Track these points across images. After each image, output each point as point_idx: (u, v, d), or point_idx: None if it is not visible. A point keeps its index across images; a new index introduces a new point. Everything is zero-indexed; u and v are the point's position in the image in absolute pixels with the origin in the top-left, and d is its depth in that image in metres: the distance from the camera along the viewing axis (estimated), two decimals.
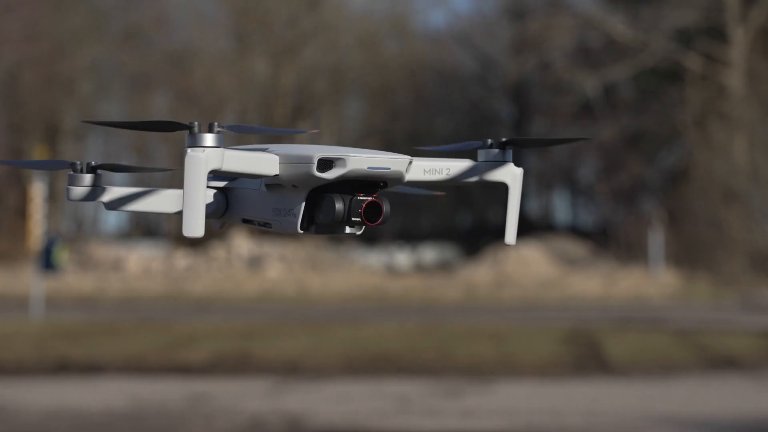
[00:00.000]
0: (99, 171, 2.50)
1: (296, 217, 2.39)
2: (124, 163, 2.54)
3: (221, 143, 2.30)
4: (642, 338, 19.28)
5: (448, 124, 49.71)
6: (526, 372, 15.23)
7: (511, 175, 2.50)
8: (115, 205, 2.52)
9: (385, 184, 2.42)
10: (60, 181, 43.98)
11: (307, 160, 2.33)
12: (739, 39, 39.16)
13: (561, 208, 50.63)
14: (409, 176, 2.45)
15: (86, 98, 44.60)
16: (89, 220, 47.46)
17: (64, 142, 44.89)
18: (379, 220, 2.36)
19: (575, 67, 41.47)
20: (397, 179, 2.41)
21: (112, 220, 50.34)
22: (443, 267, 38.88)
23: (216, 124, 2.29)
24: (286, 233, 2.45)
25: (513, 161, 2.51)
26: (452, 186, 2.55)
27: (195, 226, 2.25)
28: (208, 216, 2.51)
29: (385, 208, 2.36)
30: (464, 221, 48.49)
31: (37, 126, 42.28)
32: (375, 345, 17.73)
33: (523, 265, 35.99)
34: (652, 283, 33.86)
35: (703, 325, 22.02)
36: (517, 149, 2.54)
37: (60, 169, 2.49)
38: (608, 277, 34.34)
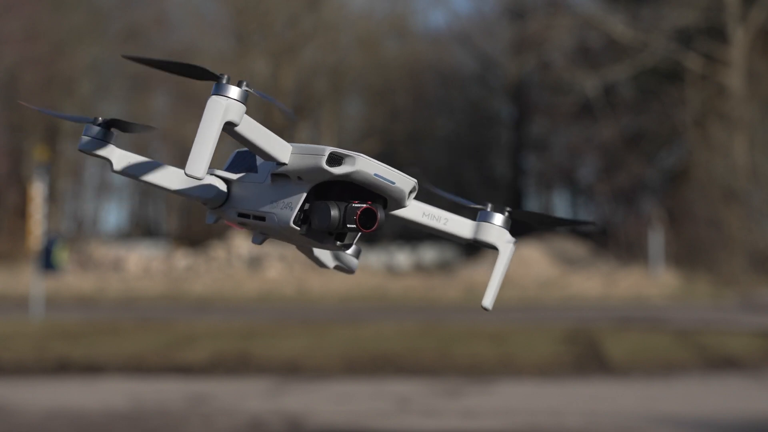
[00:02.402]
0: (112, 129, 2.52)
1: (292, 210, 2.38)
2: (133, 122, 2.55)
3: (245, 100, 2.31)
4: (642, 338, 19.28)
5: (448, 124, 49.72)
6: (526, 372, 15.23)
7: (504, 242, 2.51)
8: (121, 167, 2.53)
9: (385, 204, 2.42)
10: (60, 181, 43.99)
11: (319, 152, 2.33)
12: (739, 39, 39.16)
13: (561, 208, 50.64)
14: (408, 211, 2.47)
15: (86, 98, 44.61)
16: (89, 220, 47.49)
17: (64, 141, 44.89)
18: (374, 227, 2.35)
19: (575, 67, 41.48)
20: (399, 198, 2.41)
21: (112, 220, 50.39)
22: (443, 267, 38.89)
23: (245, 82, 2.31)
24: (277, 228, 2.42)
25: (509, 230, 2.52)
26: (440, 236, 2.55)
27: (198, 166, 2.24)
28: (205, 203, 2.52)
29: (380, 215, 2.36)
30: None
31: (37, 126, 42.29)
32: (375, 345, 17.73)
33: (523, 265, 35.99)
34: (652, 283, 33.86)
35: (703, 325, 22.02)
36: (516, 219, 2.54)
37: (83, 122, 2.52)
38: (608, 277, 34.34)
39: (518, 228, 2.53)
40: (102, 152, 2.49)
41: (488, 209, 2.52)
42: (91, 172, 47.96)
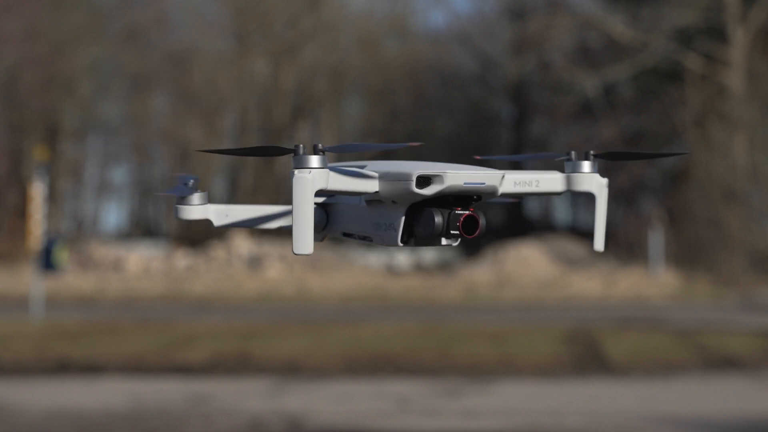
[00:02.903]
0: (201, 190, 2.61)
1: (396, 231, 2.47)
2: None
3: (325, 164, 2.37)
4: (642, 338, 19.28)
5: (448, 124, 49.72)
6: (526, 372, 15.23)
7: (597, 185, 2.63)
8: (221, 222, 2.61)
9: (479, 198, 2.49)
10: (60, 181, 43.98)
11: (406, 178, 2.41)
12: (739, 39, 39.15)
13: (561, 208, 50.67)
14: (501, 189, 2.55)
15: (86, 98, 44.61)
16: (89, 220, 47.48)
17: (64, 142, 44.87)
18: (476, 233, 2.43)
19: (575, 67, 41.47)
20: (491, 193, 2.51)
21: (112, 220, 50.37)
22: (443, 267, 38.88)
23: (319, 145, 2.37)
24: (386, 246, 2.52)
25: (598, 172, 2.64)
26: (537, 196, 2.65)
27: (305, 244, 2.33)
28: None
29: (481, 221, 2.43)
30: None
31: (37, 126, 42.28)
32: (375, 345, 17.73)
33: (523, 265, 35.98)
34: (652, 283, 33.85)
35: (703, 325, 22.02)
36: (604, 160, 2.68)
37: (184, 194, 2.57)
38: (608, 277, 34.34)
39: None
40: (201, 215, 2.57)
41: (573, 158, 2.63)
42: (91, 172, 47.97)
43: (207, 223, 2.57)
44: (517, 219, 45.15)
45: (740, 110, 37.62)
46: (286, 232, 2.68)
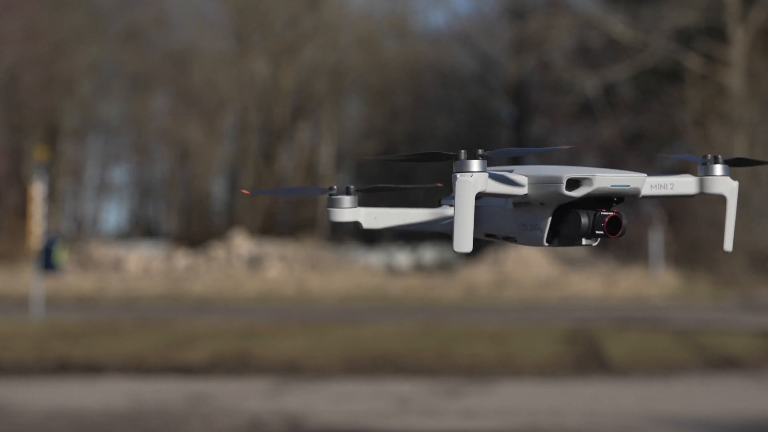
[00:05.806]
0: (356, 193, 2.74)
1: (542, 231, 2.59)
2: (382, 184, 2.72)
3: (485, 168, 2.51)
4: (642, 338, 19.28)
5: (448, 124, 49.71)
6: (526, 372, 15.23)
7: (729, 188, 2.76)
8: (369, 224, 2.72)
9: (620, 200, 2.60)
10: (60, 181, 43.99)
11: (557, 181, 2.53)
12: (739, 39, 39.15)
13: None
14: (642, 192, 2.65)
15: (86, 98, 44.61)
16: (89, 220, 47.49)
17: (64, 142, 44.88)
18: (620, 233, 2.54)
19: (575, 67, 41.46)
20: (634, 195, 2.62)
21: (112, 220, 50.38)
22: (443, 267, 38.87)
23: (480, 151, 2.52)
24: (530, 245, 2.64)
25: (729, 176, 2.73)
26: (668, 198, 2.74)
27: (465, 242, 2.46)
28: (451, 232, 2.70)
29: (624, 222, 2.55)
30: None
31: (37, 126, 42.27)
32: (375, 345, 17.73)
33: (523, 265, 35.98)
34: (652, 283, 33.85)
35: (703, 325, 22.02)
36: (734, 166, 2.77)
37: (318, 195, 2.68)
38: (608, 277, 34.34)
39: None
40: (351, 217, 2.68)
41: (706, 162, 2.74)
42: (91, 172, 47.98)
43: (356, 225, 2.68)
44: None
45: (740, 110, 37.62)
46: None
